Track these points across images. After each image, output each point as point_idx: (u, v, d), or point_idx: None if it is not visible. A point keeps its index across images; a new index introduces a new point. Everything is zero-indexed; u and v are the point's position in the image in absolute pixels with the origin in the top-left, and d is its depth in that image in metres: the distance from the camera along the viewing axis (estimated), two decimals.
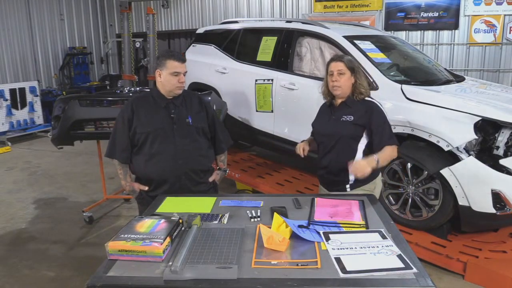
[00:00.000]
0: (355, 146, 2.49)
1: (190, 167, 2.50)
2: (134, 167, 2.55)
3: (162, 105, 2.48)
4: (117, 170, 2.59)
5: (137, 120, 2.46)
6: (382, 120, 2.45)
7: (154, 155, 2.46)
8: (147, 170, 2.49)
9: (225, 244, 1.68)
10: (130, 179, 2.60)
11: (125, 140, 2.48)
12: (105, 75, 10.69)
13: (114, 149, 2.52)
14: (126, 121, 2.46)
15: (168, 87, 2.44)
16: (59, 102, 4.24)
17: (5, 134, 7.69)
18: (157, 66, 2.45)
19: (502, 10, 7.10)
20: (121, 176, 2.59)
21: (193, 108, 2.55)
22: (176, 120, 2.47)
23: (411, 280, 1.42)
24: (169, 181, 2.48)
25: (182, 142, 2.46)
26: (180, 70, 2.41)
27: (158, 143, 2.45)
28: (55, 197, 5.03)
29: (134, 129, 2.46)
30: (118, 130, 2.51)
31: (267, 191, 4.37)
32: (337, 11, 8.16)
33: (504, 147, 3.18)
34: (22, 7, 8.78)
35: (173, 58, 2.40)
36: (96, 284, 1.44)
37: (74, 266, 3.42)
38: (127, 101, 2.57)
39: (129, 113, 2.47)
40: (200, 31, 5.82)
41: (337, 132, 2.50)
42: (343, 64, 2.46)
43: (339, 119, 2.50)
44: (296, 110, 4.29)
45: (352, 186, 2.52)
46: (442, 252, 3.24)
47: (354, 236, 1.74)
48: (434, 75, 4.27)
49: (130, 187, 2.57)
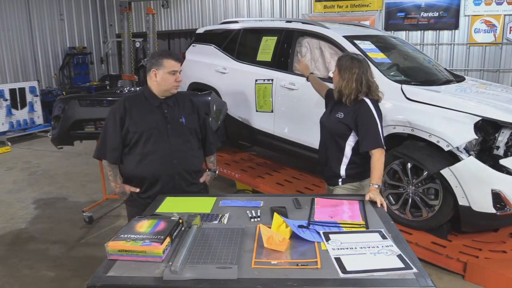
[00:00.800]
0: (342, 143, 2.55)
1: (184, 167, 2.50)
2: (124, 168, 2.49)
3: (155, 105, 2.46)
4: (107, 171, 2.51)
5: (130, 119, 2.41)
6: (367, 119, 2.44)
7: (148, 155, 2.42)
8: (139, 170, 2.44)
9: (225, 244, 1.68)
10: (120, 180, 2.51)
11: (116, 139, 2.42)
12: (105, 75, 10.69)
13: (104, 149, 2.46)
14: (118, 120, 2.41)
15: (164, 86, 2.43)
16: (59, 102, 4.24)
17: (5, 134, 7.69)
18: (152, 65, 2.42)
19: (502, 10, 7.10)
20: (111, 177, 2.51)
21: (186, 108, 2.56)
22: (170, 120, 2.46)
23: (411, 280, 1.42)
24: (161, 181, 2.45)
25: (176, 142, 2.46)
26: (177, 69, 2.42)
27: (152, 143, 2.42)
28: (55, 197, 5.03)
29: (127, 128, 2.41)
30: (108, 129, 2.45)
31: (267, 191, 4.37)
32: (337, 11, 8.16)
33: (504, 147, 3.18)
34: (22, 7, 8.78)
35: (170, 57, 2.41)
36: (96, 284, 1.44)
37: (74, 266, 3.42)
38: (119, 100, 2.53)
39: (122, 112, 2.42)
40: (200, 31, 5.81)
41: (326, 126, 2.61)
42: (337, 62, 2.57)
43: (334, 114, 2.57)
44: (296, 110, 4.29)
45: (344, 181, 2.61)
46: (442, 252, 3.25)
47: (354, 236, 1.74)
48: (434, 75, 4.27)
49: (121, 189, 2.49)
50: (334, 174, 2.62)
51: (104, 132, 2.48)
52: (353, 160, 2.55)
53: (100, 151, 2.49)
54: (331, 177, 2.65)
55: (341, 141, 2.54)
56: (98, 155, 2.52)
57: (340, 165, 2.57)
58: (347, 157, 2.55)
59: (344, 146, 2.54)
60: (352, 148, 2.54)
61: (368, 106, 2.47)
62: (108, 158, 2.47)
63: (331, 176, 2.65)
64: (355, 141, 2.52)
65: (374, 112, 2.46)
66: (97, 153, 2.53)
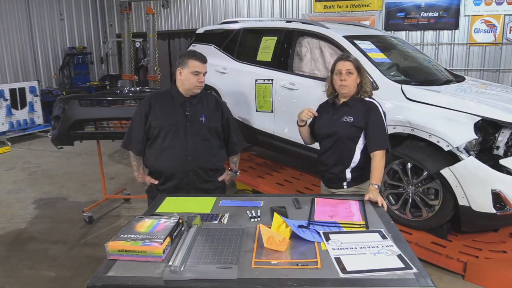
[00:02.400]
0: (352, 147, 2.53)
1: (199, 164, 2.55)
2: (146, 160, 2.65)
3: (179, 103, 2.56)
4: (132, 161, 2.70)
5: (153, 115, 2.55)
6: (378, 120, 2.48)
7: (165, 150, 2.53)
8: (157, 164, 2.57)
9: (225, 244, 1.68)
10: (143, 171, 2.71)
11: (140, 132, 2.58)
12: (105, 75, 10.69)
13: (130, 140, 2.63)
14: (143, 115, 2.56)
15: (187, 85, 2.53)
16: (59, 102, 4.24)
17: (5, 134, 7.69)
18: (178, 64, 2.54)
19: (502, 10, 7.09)
20: (134, 167, 2.70)
21: (209, 108, 2.63)
22: (190, 118, 2.54)
23: (411, 280, 1.42)
24: (177, 176, 2.55)
25: (193, 140, 2.53)
26: (201, 70, 2.52)
27: (170, 138, 2.52)
28: (55, 197, 5.03)
29: (150, 122, 2.55)
30: (135, 123, 2.62)
31: (267, 191, 4.37)
32: (337, 11, 8.16)
33: (504, 147, 3.18)
34: (22, 7, 8.78)
35: (195, 58, 2.50)
36: (96, 284, 1.44)
37: (74, 266, 3.42)
38: (146, 96, 2.68)
39: (147, 107, 2.57)
40: (200, 31, 5.81)
41: (336, 132, 2.54)
42: (351, 64, 2.51)
43: (340, 119, 2.53)
44: (296, 110, 4.21)
45: (349, 184, 2.59)
46: (442, 252, 3.24)
47: (354, 236, 1.74)
48: (434, 75, 4.26)
49: (142, 179, 2.68)
50: (339, 178, 2.59)
51: (131, 125, 2.65)
52: (360, 163, 2.55)
53: (127, 142, 2.66)
54: (335, 180, 2.62)
55: (352, 145, 2.53)
56: (124, 145, 2.68)
57: (347, 168, 2.56)
58: (355, 162, 2.55)
59: (354, 149, 2.53)
60: (361, 151, 2.53)
61: (377, 107, 2.50)
62: (132, 149, 2.64)
63: (335, 180, 2.62)
64: (364, 143, 2.52)
65: (382, 114, 2.50)
66: (124, 144, 2.68)
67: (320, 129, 2.65)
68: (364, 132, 2.50)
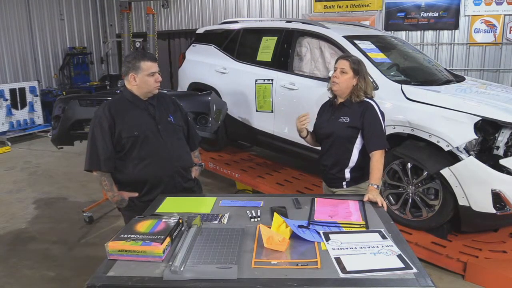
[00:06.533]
0: (350, 147, 2.55)
1: (182, 164, 2.51)
2: (121, 174, 2.40)
3: (141, 107, 2.42)
4: (101, 182, 2.38)
5: (120, 125, 2.34)
6: (374, 120, 2.48)
7: (145, 158, 2.38)
8: (140, 174, 2.39)
9: (225, 244, 1.68)
10: (116, 188, 2.40)
11: (109, 147, 2.33)
12: (105, 75, 10.68)
13: (98, 159, 2.33)
14: (107, 127, 2.32)
15: (145, 88, 2.39)
16: (59, 102, 4.24)
17: (5, 134, 7.68)
18: (129, 70, 2.35)
19: (502, 10, 7.09)
20: (106, 187, 2.38)
21: (170, 107, 2.56)
22: (159, 120, 2.44)
23: (411, 280, 1.42)
24: (163, 181, 2.43)
25: (171, 141, 2.46)
26: (155, 69, 2.38)
27: (148, 145, 2.38)
28: (55, 197, 5.03)
29: (119, 133, 2.33)
30: (97, 138, 2.33)
31: (267, 191, 4.37)
32: (337, 11, 8.15)
33: (504, 147, 3.18)
34: (22, 7, 8.77)
35: (146, 59, 2.35)
36: (96, 284, 1.44)
37: (74, 266, 3.42)
38: (100, 107, 2.43)
39: (109, 119, 2.33)
40: (200, 31, 5.82)
41: (333, 133, 2.56)
42: (348, 64, 2.52)
43: (337, 119, 2.56)
44: (296, 110, 4.28)
45: (348, 184, 2.60)
46: (442, 252, 3.24)
47: (354, 236, 1.74)
48: (434, 75, 4.27)
49: (119, 196, 2.39)
50: (338, 177, 2.61)
51: (92, 143, 2.35)
52: (358, 162, 2.56)
53: (93, 162, 2.35)
54: (335, 180, 2.64)
55: (350, 145, 2.54)
56: (91, 167, 2.36)
57: (345, 168, 2.58)
58: (353, 161, 2.56)
59: (352, 149, 2.54)
60: (359, 151, 2.54)
61: (373, 108, 2.50)
62: (103, 168, 2.34)
63: (335, 180, 2.64)
64: (362, 143, 2.53)
65: (379, 113, 2.50)
66: (89, 165, 2.36)
67: (319, 129, 2.68)
68: (361, 133, 2.51)
